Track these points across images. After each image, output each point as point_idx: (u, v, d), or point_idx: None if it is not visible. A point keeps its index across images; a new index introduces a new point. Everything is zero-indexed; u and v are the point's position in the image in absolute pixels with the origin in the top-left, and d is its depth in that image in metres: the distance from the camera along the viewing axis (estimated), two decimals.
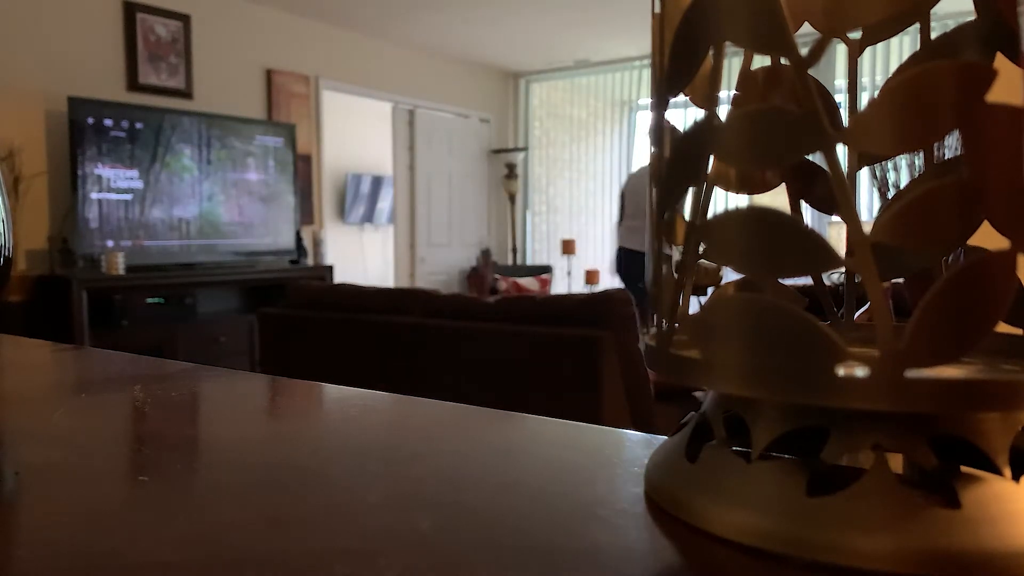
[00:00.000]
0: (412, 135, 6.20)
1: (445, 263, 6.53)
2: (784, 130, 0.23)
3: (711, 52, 0.25)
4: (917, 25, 0.30)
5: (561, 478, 0.31)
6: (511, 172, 6.81)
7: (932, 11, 0.28)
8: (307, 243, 5.13)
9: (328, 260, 5.22)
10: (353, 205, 7.03)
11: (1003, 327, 0.24)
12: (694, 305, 0.25)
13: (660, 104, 0.28)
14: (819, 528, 0.22)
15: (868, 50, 0.66)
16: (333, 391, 0.50)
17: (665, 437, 0.32)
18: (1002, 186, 0.21)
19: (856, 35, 0.30)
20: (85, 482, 0.31)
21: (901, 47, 4.92)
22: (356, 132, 6.91)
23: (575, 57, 6.52)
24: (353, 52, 5.58)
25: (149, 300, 3.98)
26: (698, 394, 2.56)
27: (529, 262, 7.14)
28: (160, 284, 3.97)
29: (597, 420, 1.93)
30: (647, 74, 6.19)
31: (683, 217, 0.28)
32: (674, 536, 0.25)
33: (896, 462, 0.24)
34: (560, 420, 0.41)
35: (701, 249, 0.26)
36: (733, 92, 0.32)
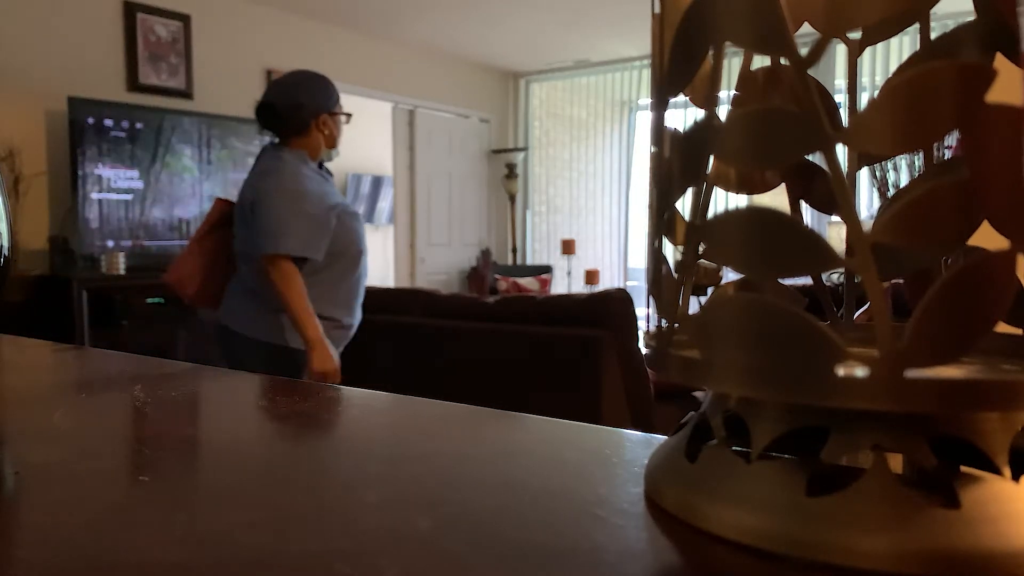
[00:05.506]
0: (412, 135, 6.20)
1: (445, 263, 6.52)
2: (784, 130, 0.23)
3: (711, 52, 0.25)
4: (917, 25, 0.30)
5: (561, 478, 0.31)
6: (511, 172, 6.81)
7: (932, 11, 0.28)
8: None
9: None
10: (353, 205, 7.02)
11: (1003, 327, 0.24)
12: (694, 305, 0.25)
13: (660, 104, 0.28)
14: (819, 528, 0.22)
15: (868, 50, 0.66)
16: (333, 391, 0.50)
17: (665, 437, 0.32)
18: (1002, 186, 0.21)
19: (856, 35, 0.30)
20: (85, 482, 0.31)
21: (901, 47, 4.92)
22: (356, 132, 6.90)
23: (575, 57, 6.52)
24: (353, 52, 5.58)
25: (149, 300, 3.97)
26: (698, 394, 2.56)
27: (529, 262, 7.14)
28: (160, 284, 3.95)
29: (597, 420, 1.93)
30: (647, 74, 6.19)
31: (683, 217, 0.28)
32: (674, 536, 0.25)
33: (896, 462, 0.24)
34: (560, 420, 0.41)
35: (701, 249, 0.26)
36: (733, 92, 0.32)
